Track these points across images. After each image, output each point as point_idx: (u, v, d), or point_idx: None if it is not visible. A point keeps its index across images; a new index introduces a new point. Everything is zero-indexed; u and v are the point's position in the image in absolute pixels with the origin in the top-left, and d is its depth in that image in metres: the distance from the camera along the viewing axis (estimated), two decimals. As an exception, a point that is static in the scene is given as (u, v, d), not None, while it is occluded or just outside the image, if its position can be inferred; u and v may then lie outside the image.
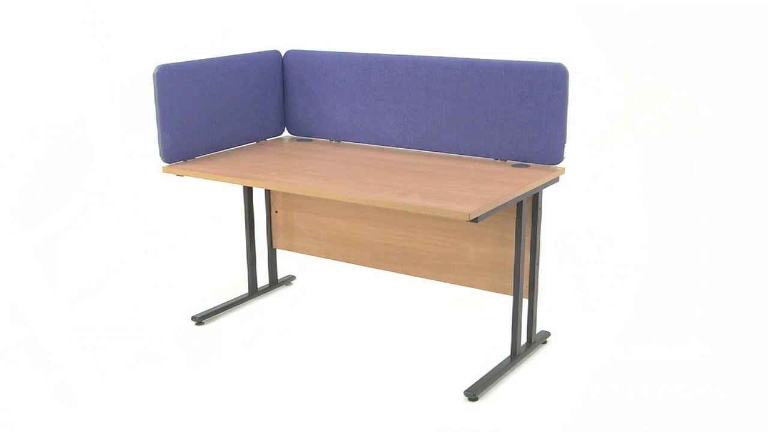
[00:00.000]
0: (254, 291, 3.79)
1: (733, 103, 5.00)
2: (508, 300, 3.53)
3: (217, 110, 3.33)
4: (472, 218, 2.57)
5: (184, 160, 3.24)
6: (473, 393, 2.89)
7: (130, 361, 3.20)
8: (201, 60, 3.24)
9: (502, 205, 2.73)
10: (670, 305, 3.64)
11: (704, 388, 2.95)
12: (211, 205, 5.09)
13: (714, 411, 2.81)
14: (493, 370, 3.04)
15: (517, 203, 2.93)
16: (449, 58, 3.17)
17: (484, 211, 2.63)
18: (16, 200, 5.16)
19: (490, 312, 3.59)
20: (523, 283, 3.10)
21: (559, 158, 3.02)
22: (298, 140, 3.61)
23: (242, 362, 3.18)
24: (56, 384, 3.03)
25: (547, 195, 3.21)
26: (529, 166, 3.06)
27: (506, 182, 2.86)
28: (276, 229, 3.79)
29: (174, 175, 3.18)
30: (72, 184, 5.39)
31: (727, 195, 4.83)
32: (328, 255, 3.68)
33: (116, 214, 5.01)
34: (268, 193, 3.75)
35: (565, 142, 3.00)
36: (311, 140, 3.60)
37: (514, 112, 3.06)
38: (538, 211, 3.07)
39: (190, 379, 3.05)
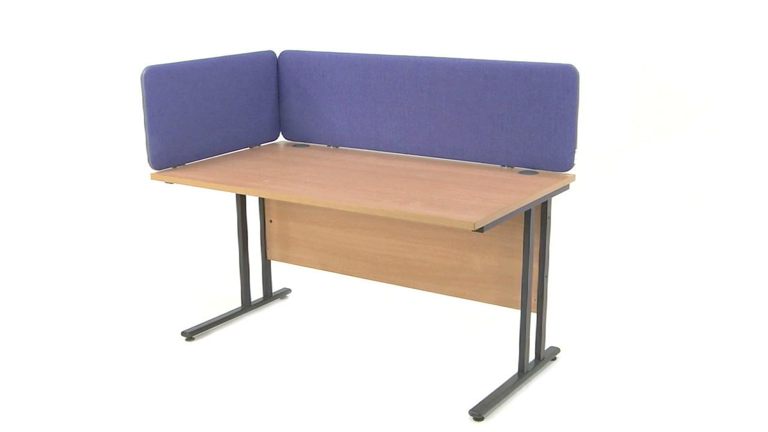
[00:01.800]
0: (247, 305, 3.78)
1: (752, 105, 5.00)
2: (515, 314, 3.52)
3: (209, 114, 3.33)
4: (477, 228, 2.56)
5: (174, 167, 3.24)
6: (479, 412, 2.88)
7: (116, 378, 3.19)
8: (191, 61, 3.24)
9: (510, 214, 2.73)
10: (687, 319, 3.63)
11: (724, 406, 2.93)
12: (202, 214, 5.09)
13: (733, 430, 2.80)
14: (499, 388, 3.03)
15: (525, 212, 2.93)
16: (453, 58, 3.18)
17: (490, 221, 2.62)
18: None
19: (497, 327, 3.58)
20: (531, 296, 3.09)
21: (569, 165, 3.02)
22: (294, 146, 3.61)
23: (235, 380, 3.17)
24: (40, 399, 3.01)
25: (556, 203, 3.21)
26: (537, 172, 3.06)
27: (513, 190, 2.86)
28: (270, 240, 3.79)
29: (163, 182, 3.18)
30: (58, 190, 5.39)
31: (747, 203, 4.82)
32: (325, 267, 3.67)
33: (102, 223, 5.01)
34: (262, 201, 3.75)
35: (575, 148, 3.00)
36: (308, 146, 3.60)
37: (521, 116, 3.05)
38: (547, 220, 3.06)
39: (179, 399, 3.04)
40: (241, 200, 3.67)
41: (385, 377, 3.18)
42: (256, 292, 3.89)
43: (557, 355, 3.31)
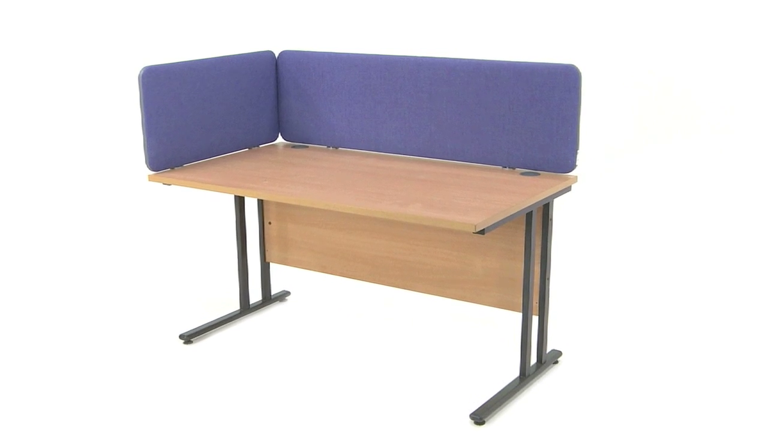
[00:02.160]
0: (246, 307, 3.77)
1: (754, 105, 5.00)
2: (516, 317, 3.51)
3: (207, 115, 3.32)
4: (478, 230, 2.55)
5: (172, 168, 3.23)
6: (480, 416, 2.88)
7: (114, 381, 3.18)
8: (190, 61, 3.24)
9: (511, 215, 2.72)
10: (690, 321, 3.62)
11: (726, 411, 2.93)
12: (200, 216, 5.08)
13: (738, 436, 2.79)
14: (500, 392, 3.02)
15: (527, 214, 2.92)
16: (454, 59, 3.17)
17: (491, 223, 2.61)
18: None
19: (498, 330, 3.57)
20: (532, 298, 3.08)
21: (571, 166, 3.01)
22: (293, 147, 3.60)
23: (233, 383, 3.16)
24: (38, 401, 3.01)
25: (558, 205, 3.20)
26: (539, 174, 3.05)
27: (515, 191, 2.85)
28: (269, 242, 3.78)
29: (161, 183, 3.17)
30: (55, 191, 5.39)
31: (749, 203, 4.82)
32: (324, 269, 3.66)
33: (100, 225, 5.00)
34: (260, 203, 3.74)
35: (577, 149, 2.99)
36: (307, 147, 3.59)
37: (523, 117, 3.05)
38: (549, 222, 3.05)
39: (177, 402, 3.03)
40: (240, 202, 3.66)
41: (386, 381, 3.17)
42: (255, 295, 3.88)
43: (559, 359, 3.30)
